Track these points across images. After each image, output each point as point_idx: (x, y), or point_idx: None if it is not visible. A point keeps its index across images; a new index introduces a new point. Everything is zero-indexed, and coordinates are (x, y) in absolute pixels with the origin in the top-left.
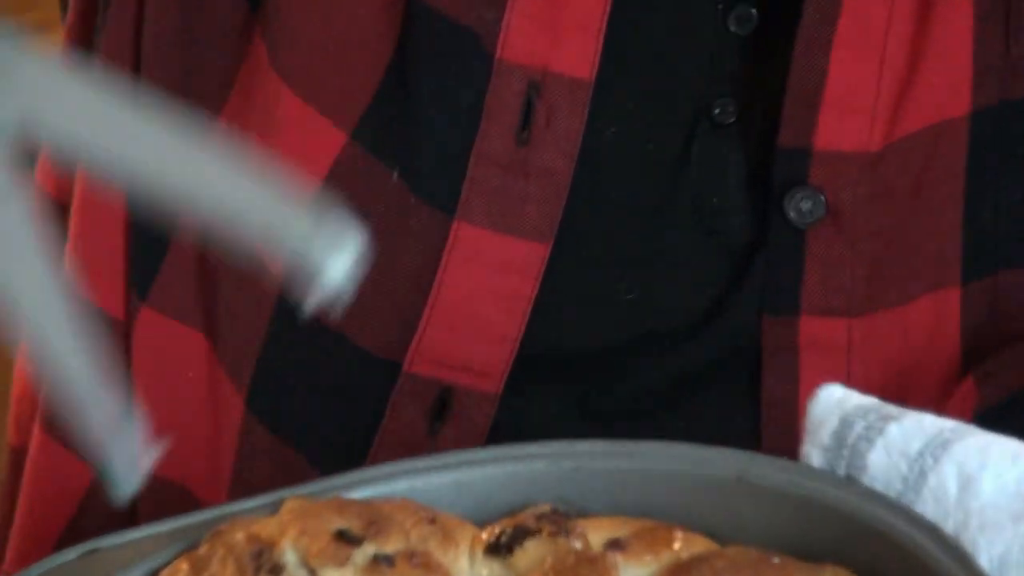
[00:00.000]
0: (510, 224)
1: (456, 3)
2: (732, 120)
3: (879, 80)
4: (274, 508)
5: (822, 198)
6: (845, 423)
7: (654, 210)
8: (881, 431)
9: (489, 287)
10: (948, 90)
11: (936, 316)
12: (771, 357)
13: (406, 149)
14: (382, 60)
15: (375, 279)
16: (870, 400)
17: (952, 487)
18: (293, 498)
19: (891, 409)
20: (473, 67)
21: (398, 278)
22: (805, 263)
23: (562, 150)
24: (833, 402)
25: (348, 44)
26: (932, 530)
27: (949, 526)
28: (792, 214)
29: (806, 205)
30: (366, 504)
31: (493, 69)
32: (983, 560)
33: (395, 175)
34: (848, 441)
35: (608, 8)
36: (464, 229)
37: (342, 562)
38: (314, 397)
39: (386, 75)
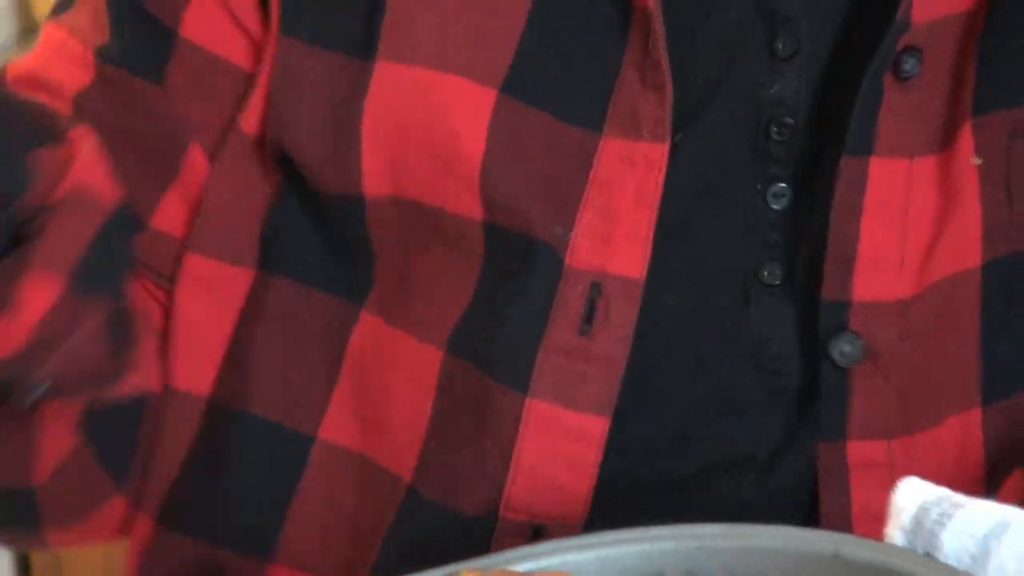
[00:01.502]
0: (575, 401)
1: (533, 223)
2: (779, 281)
3: (904, 241)
4: None
5: (861, 342)
6: (923, 509)
7: (718, 364)
8: (952, 516)
9: (560, 452)
10: (963, 245)
11: (963, 433)
12: (827, 476)
13: (484, 339)
14: (471, 278)
15: (466, 449)
16: (943, 490)
17: (1012, 564)
18: (467, 571)
19: (960, 498)
20: (547, 273)
21: (486, 446)
22: (851, 397)
23: (618, 338)
24: (912, 491)
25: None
26: None
27: None
28: (836, 356)
29: (847, 348)
30: (527, 574)
31: (562, 274)
32: None
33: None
34: (925, 525)
35: (654, 219)
36: (535, 404)
37: None
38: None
39: (476, 288)
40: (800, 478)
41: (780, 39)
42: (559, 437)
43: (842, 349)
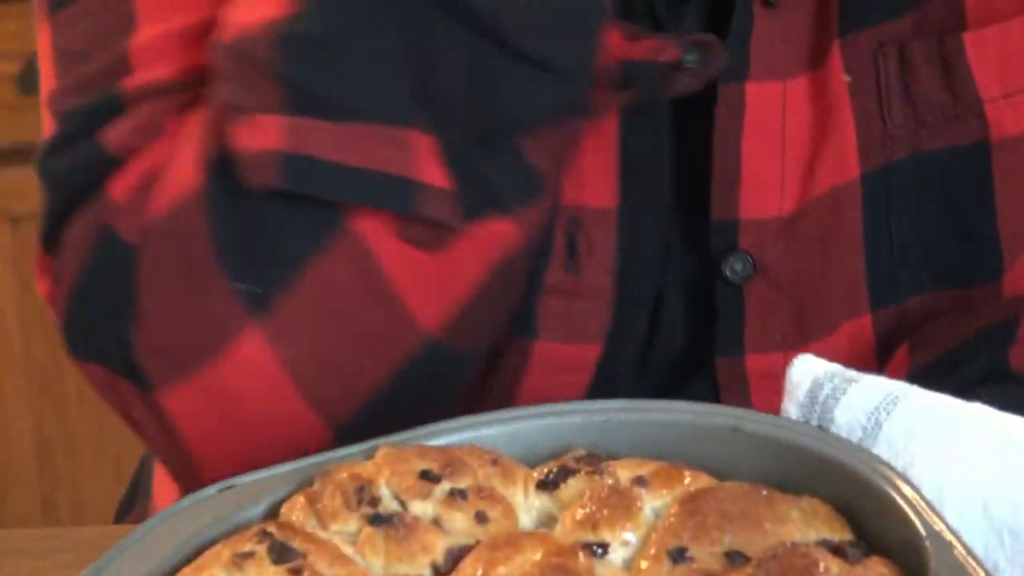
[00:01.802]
0: (574, 335)
1: None
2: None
3: (783, 159)
4: (369, 454)
5: (751, 259)
6: (816, 384)
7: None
8: (844, 391)
9: (558, 383)
10: (841, 160)
11: (855, 337)
12: (727, 389)
13: None
14: None
15: (473, 396)
16: (835, 366)
17: (900, 434)
18: (384, 445)
19: (852, 373)
20: None
21: (493, 393)
22: (745, 312)
23: (604, 269)
24: (806, 368)
25: None
26: (886, 466)
27: (899, 464)
28: (729, 274)
29: (738, 266)
30: (442, 450)
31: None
32: (925, 490)
33: None
34: (819, 399)
35: (617, 151)
36: (541, 346)
37: (426, 496)
38: None
39: None
40: (702, 396)
41: None
42: (559, 370)
43: (733, 267)
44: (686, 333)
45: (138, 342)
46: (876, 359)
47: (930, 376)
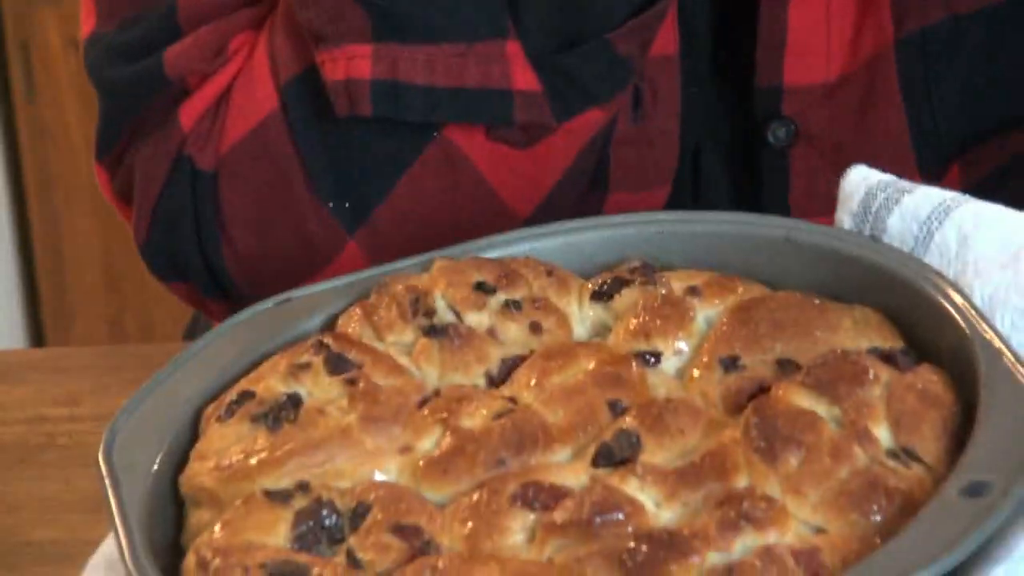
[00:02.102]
0: (647, 182)
1: None
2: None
3: (828, 26)
4: (426, 266)
5: (794, 125)
6: (870, 195)
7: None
8: (898, 201)
9: None
10: (879, 29)
11: None
12: None
13: None
14: None
15: None
16: (889, 176)
17: (953, 243)
18: (440, 258)
19: (905, 184)
20: None
21: None
22: (790, 178)
23: (670, 113)
24: (860, 178)
25: None
26: (938, 275)
27: (950, 273)
28: (772, 140)
29: (782, 133)
30: (497, 261)
31: None
32: (976, 299)
33: None
34: (872, 209)
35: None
36: (615, 197)
37: (480, 307)
38: None
39: None
40: None
41: None
42: None
43: (776, 133)
44: (728, 198)
45: (230, 266)
46: None
47: (981, 190)
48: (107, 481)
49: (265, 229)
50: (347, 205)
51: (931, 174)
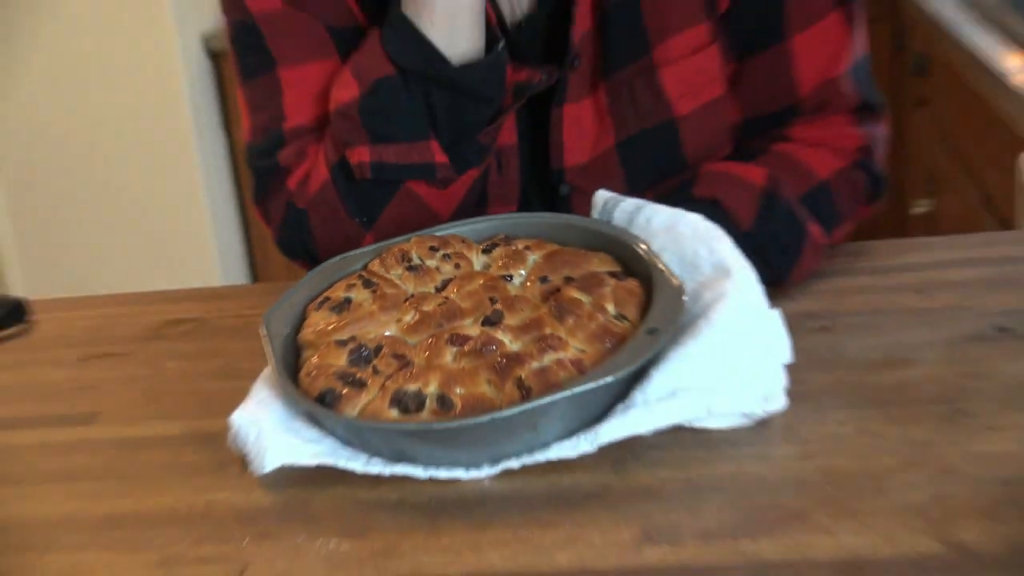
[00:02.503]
0: (506, 204)
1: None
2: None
3: (581, 136)
4: (408, 239)
5: (569, 186)
6: (606, 202)
7: None
8: (617, 204)
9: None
10: (607, 137)
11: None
12: None
13: None
14: None
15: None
16: (613, 194)
17: (643, 223)
18: (415, 236)
19: (621, 196)
20: None
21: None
22: (571, 207)
23: (514, 174)
24: (601, 195)
25: None
26: (636, 238)
27: (642, 236)
28: (563, 191)
29: (565, 189)
30: (439, 237)
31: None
32: (653, 247)
33: None
34: (607, 208)
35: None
36: (491, 210)
37: (432, 257)
38: None
39: None
40: None
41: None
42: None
43: (562, 189)
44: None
45: (318, 252)
46: None
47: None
48: (265, 339)
49: (332, 236)
50: (365, 219)
51: (637, 191)
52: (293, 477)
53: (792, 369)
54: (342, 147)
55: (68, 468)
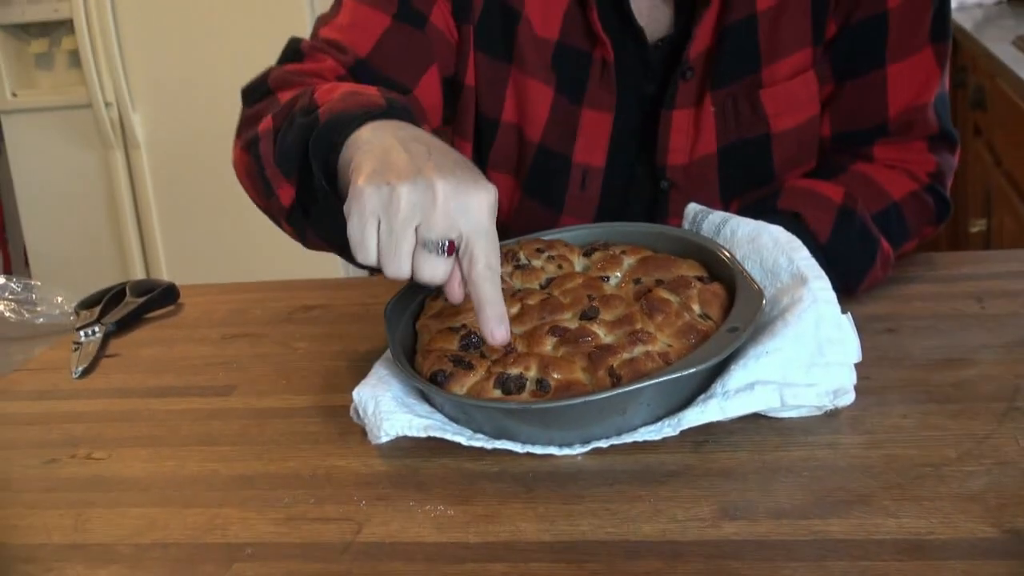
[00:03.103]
0: (584, 218)
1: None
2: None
3: (686, 140)
4: (518, 242)
5: (670, 181)
6: (694, 213)
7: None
8: (706, 217)
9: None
10: (708, 142)
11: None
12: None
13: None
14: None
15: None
16: (703, 207)
17: (728, 234)
18: (523, 239)
19: (710, 209)
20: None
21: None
22: (668, 204)
23: (596, 192)
24: (691, 207)
25: None
26: (722, 247)
27: (727, 246)
28: (663, 186)
29: (664, 184)
30: (545, 240)
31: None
32: (738, 256)
33: None
34: (696, 220)
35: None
36: (565, 219)
37: (537, 258)
38: None
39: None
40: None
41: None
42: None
43: (663, 184)
44: (644, 214)
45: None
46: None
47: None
48: (386, 324)
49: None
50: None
51: (728, 195)
52: (406, 448)
53: (861, 367)
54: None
55: (207, 433)
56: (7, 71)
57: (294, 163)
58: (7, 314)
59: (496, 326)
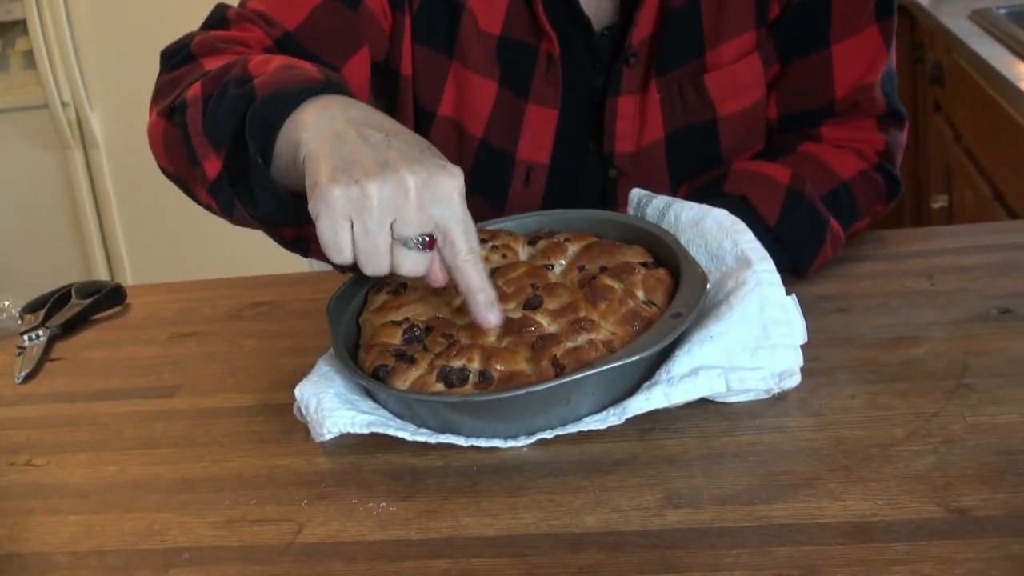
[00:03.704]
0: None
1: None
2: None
3: (632, 127)
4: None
5: (617, 170)
6: (638, 198)
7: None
8: (650, 201)
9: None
10: (655, 127)
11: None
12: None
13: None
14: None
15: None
16: (646, 192)
17: (672, 218)
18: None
19: (653, 194)
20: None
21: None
22: (617, 190)
23: (540, 188)
24: (636, 192)
25: None
26: (666, 232)
27: (671, 231)
28: (611, 174)
29: (613, 172)
30: (490, 230)
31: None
32: (681, 240)
33: None
34: (640, 204)
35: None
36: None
37: (482, 247)
38: None
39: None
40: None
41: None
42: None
43: (610, 173)
44: (591, 201)
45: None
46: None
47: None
48: (329, 320)
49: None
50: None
51: (678, 180)
52: (350, 445)
53: (809, 347)
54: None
55: (149, 436)
56: None
57: (226, 135)
58: None
59: (488, 311)
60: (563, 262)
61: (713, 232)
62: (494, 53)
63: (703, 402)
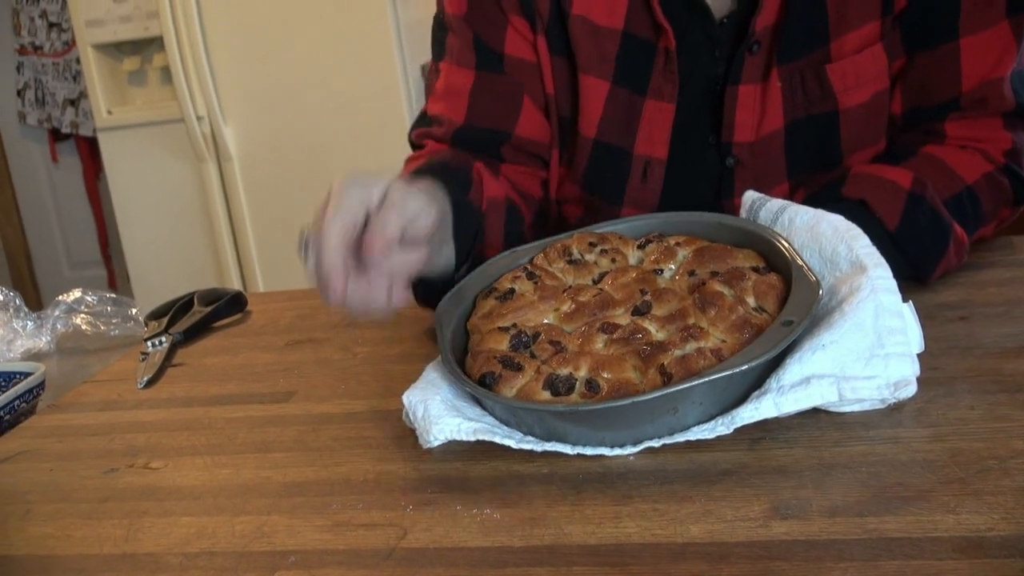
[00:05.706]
0: (642, 208)
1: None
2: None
3: (752, 116)
4: (570, 236)
5: (735, 158)
6: (752, 201)
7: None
8: (763, 204)
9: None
10: (774, 118)
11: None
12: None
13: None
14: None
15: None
16: (761, 195)
17: (786, 222)
18: (576, 232)
19: (767, 197)
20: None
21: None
22: (734, 180)
23: (659, 183)
24: (749, 194)
25: None
26: (779, 235)
27: (784, 234)
28: (728, 162)
29: (731, 160)
30: (597, 233)
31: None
32: (795, 245)
33: None
34: (753, 208)
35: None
36: (626, 211)
37: (590, 252)
38: None
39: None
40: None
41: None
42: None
43: (728, 161)
44: (710, 194)
45: None
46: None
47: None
48: (437, 325)
49: None
50: None
51: (795, 175)
52: (457, 451)
53: (928, 356)
54: None
55: (263, 440)
56: (101, 89)
57: None
58: (84, 327)
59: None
60: (673, 266)
61: (828, 236)
62: (613, 50)
63: (816, 412)
